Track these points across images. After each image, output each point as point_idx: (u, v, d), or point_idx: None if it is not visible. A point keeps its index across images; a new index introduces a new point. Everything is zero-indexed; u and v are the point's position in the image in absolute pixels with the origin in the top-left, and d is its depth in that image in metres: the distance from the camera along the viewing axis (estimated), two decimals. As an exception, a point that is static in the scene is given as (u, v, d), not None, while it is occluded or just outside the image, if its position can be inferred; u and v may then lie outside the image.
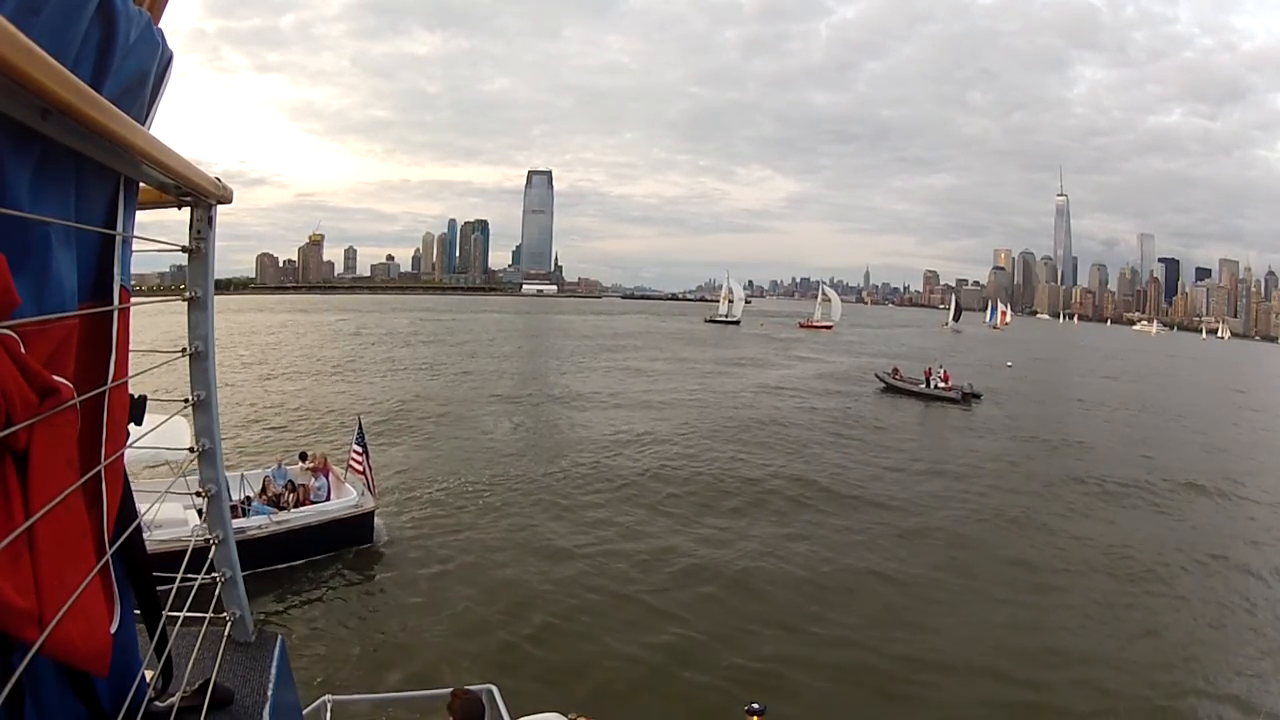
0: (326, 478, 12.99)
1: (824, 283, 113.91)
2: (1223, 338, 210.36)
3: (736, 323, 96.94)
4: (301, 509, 12.10)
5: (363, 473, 12.87)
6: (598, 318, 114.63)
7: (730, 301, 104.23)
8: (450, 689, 4.20)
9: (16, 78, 0.83)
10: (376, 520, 12.74)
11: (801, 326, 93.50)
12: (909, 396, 34.37)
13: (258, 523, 11.35)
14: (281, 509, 11.99)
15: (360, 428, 13.39)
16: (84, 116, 1.01)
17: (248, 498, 12.34)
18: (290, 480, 12.77)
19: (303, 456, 13.69)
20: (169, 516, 9.15)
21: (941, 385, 33.98)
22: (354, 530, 12.30)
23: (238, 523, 11.22)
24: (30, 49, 0.84)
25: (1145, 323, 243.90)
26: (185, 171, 1.54)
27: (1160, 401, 40.14)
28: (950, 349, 65.26)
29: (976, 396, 33.53)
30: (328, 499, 12.62)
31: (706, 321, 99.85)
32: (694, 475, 18.22)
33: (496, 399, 29.66)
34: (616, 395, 30.20)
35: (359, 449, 13.00)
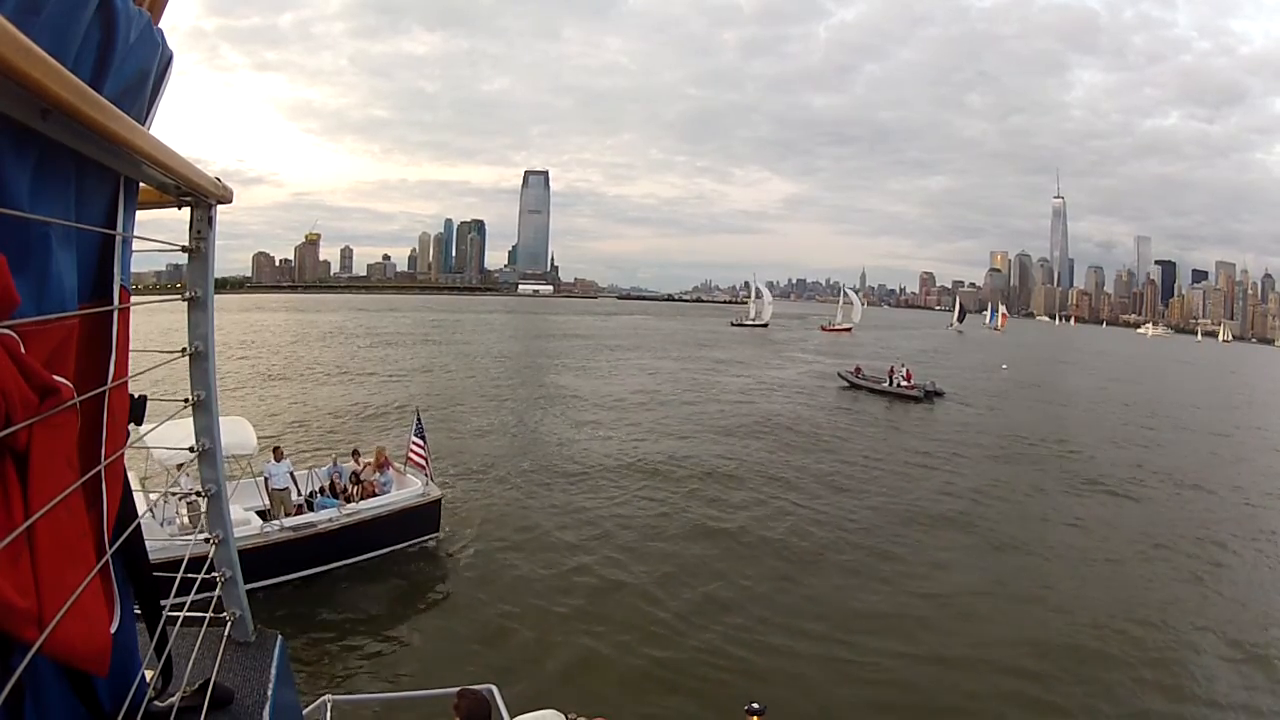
0: (388, 471, 12.89)
1: (845, 286, 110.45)
2: (1226, 340, 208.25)
3: (765, 326, 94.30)
4: (369, 500, 11.95)
5: (424, 464, 12.84)
6: (600, 319, 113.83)
7: (758, 303, 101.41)
8: (451, 688, 4.19)
9: (16, 78, 0.83)
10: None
11: (824, 330, 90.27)
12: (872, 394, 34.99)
13: (326, 516, 11.13)
14: (349, 502, 11.88)
15: (419, 419, 13.45)
16: (84, 116, 1.01)
17: (312, 493, 12.28)
18: (355, 473, 12.74)
19: (355, 454, 13.55)
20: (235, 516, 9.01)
21: (904, 384, 34.85)
22: (422, 520, 12.15)
23: (308, 517, 10.98)
24: (30, 49, 0.84)
25: (1150, 325, 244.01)
26: (185, 171, 1.54)
27: (1151, 411, 39.85)
28: (956, 350, 64.99)
29: (939, 394, 34.37)
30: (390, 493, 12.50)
31: (733, 325, 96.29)
32: (707, 482, 18.22)
33: (502, 401, 29.58)
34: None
35: (419, 440, 13.00)
